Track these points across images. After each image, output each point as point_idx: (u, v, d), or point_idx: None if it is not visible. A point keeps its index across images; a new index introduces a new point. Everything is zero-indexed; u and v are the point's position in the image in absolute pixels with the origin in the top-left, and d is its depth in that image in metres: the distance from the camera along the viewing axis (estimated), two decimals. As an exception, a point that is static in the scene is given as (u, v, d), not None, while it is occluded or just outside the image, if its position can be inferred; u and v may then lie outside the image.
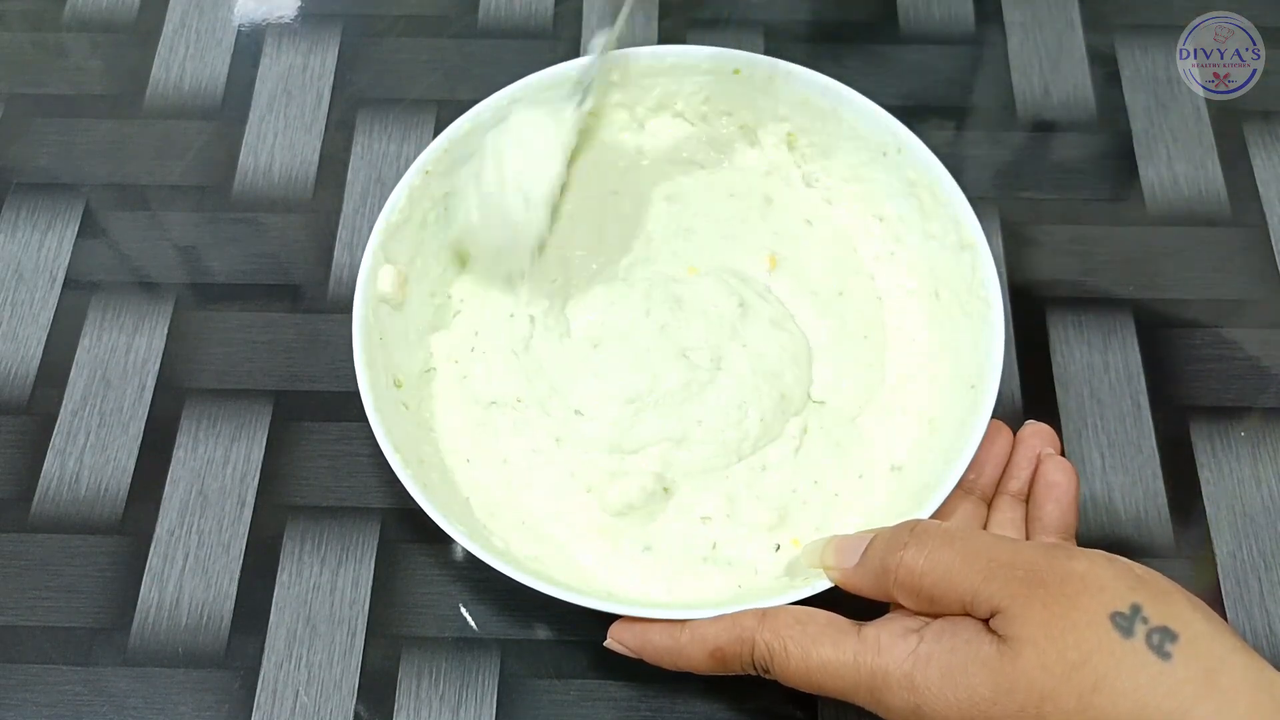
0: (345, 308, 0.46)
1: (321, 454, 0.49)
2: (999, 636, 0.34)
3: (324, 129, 0.57)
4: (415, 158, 0.48)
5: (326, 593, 0.47)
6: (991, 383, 0.43)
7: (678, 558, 0.44)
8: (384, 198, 0.47)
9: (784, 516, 0.45)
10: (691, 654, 0.39)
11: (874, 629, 0.36)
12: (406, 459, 0.42)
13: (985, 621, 0.35)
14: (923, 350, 0.49)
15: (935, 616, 0.36)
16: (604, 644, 0.40)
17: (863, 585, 0.39)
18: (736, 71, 0.50)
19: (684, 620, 0.39)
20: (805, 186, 0.52)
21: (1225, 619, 0.45)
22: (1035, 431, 0.44)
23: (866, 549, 0.38)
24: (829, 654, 0.36)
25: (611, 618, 0.40)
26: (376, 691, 0.45)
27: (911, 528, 0.37)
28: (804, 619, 0.38)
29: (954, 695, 0.34)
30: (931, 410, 0.47)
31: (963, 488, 0.42)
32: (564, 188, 0.48)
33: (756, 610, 0.38)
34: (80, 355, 0.52)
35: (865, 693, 0.36)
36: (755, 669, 0.38)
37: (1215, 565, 0.47)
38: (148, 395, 0.51)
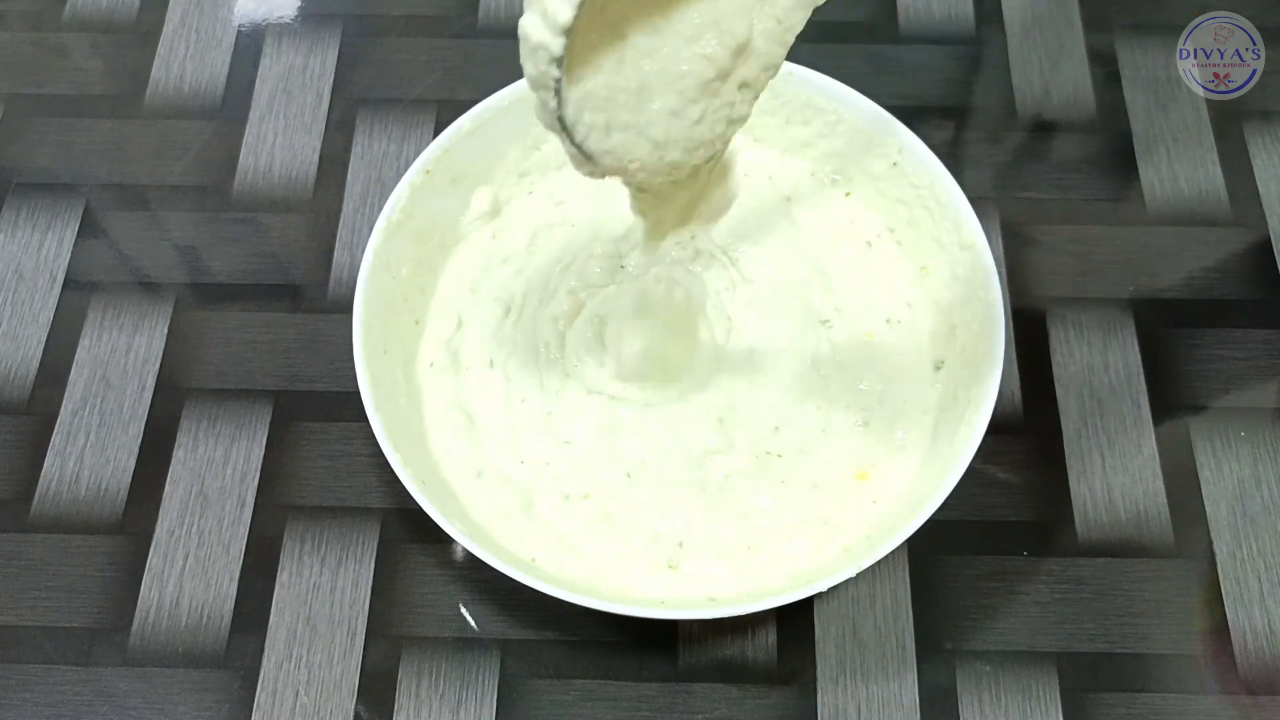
0: (345, 308, 0.46)
1: (321, 454, 0.49)
2: None
3: (324, 129, 0.57)
4: (415, 158, 0.48)
5: (326, 593, 0.46)
6: (992, 384, 0.43)
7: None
8: (384, 198, 0.47)
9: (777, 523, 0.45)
10: None
11: None
12: (406, 459, 0.42)
13: None
14: (923, 352, 0.49)
15: None
16: None
17: None
18: None
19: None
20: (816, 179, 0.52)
21: (1225, 619, 0.45)
22: None
23: None
24: None
25: (612, 618, 0.40)
26: (376, 691, 0.45)
27: None
28: None
29: None
30: (931, 411, 0.47)
31: None
32: None
33: None
34: (80, 355, 0.52)
35: None
36: None
37: (1215, 565, 0.47)
38: (148, 395, 0.51)
